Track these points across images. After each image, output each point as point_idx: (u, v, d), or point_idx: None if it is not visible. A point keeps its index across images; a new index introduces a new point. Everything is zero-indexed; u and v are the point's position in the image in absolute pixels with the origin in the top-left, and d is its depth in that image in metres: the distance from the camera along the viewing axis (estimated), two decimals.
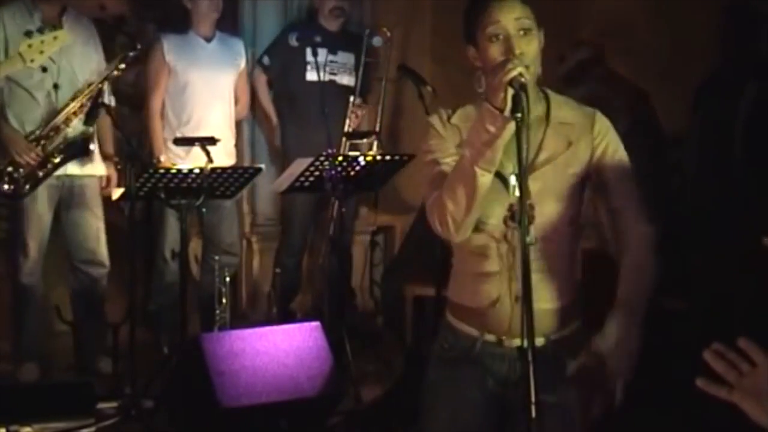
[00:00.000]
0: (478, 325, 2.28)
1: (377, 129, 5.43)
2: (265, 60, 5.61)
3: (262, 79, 5.63)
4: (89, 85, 4.67)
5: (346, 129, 5.35)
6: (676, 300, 4.51)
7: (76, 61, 4.74)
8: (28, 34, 3.92)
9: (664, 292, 4.79)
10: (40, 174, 4.63)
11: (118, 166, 4.95)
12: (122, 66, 4.70)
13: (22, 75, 4.55)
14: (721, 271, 4.45)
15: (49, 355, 4.97)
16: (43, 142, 4.62)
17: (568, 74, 4.92)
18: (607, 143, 2.27)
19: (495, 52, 2.16)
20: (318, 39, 5.43)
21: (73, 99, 4.66)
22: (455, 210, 2.14)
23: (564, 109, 2.25)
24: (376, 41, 5.45)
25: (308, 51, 5.49)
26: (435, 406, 2.35)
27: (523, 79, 2.05)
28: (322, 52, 5.43)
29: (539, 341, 2.06)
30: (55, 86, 4.67)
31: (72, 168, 4.74)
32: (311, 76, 5.48)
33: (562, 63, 4.94)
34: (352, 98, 5.35)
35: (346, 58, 5.53)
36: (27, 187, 4.62)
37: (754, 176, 4.39)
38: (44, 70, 4.54)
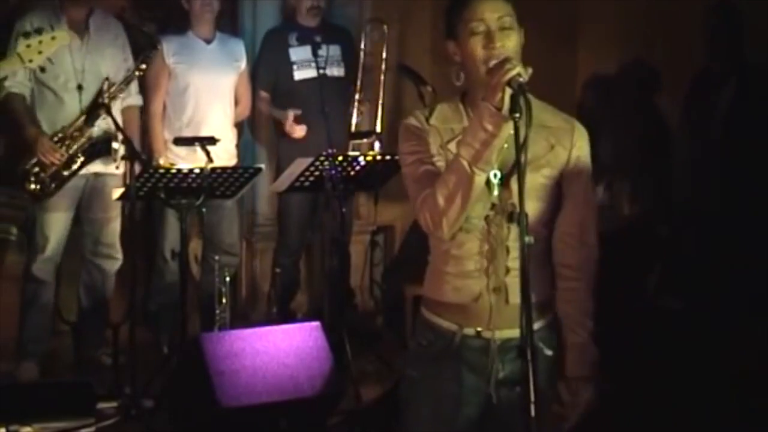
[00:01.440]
0: (457, 320, 2.29)
1: (377, 128, 5.41)
2: (259, 78, 5.54)
3: (264, 102, 5.55)
4: (111, 86, 4.70)
5: (353, 127, 5.34)
6: (675, 300, 4.52)
7: (103, 62, 4.81)
8: (26, 35, 3.95)
9: (663, 292, 4.81)
10: (65, 173, 4.70)
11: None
12: (143, 66, 4.78)
13: (49, 77, 4.67)
14: (718, 270, 4.48)
15: (49, 355, 4.97)
16: (67, 142, 4.69)
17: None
18: (584, 153, 2.31)
19: (476, 45, 2.20)
20: (317, 38, 5.44)
21: (96, 99, 4.72)
22: (450, 209, 2.15)
23: (544, 112, 2.28)
24: (375, 37, 5.44)
25: (291, 51, 5.48)
26: (416, 403, 2.36)
27: (521, 79, 2.05)
28: (306, 50, 5.43)
29: (516, 332, 2.07)
30: (80, 87, 4.73)
31: (94, 166, 4.79)
32: (299, 75, 5.46)
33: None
34: (357, 95, 5.33)
35: (332, 50, 5.51)
36: (53, 186, 4.69)
37: (731, 169, 4.45)
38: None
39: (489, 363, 2.28)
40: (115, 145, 4.71)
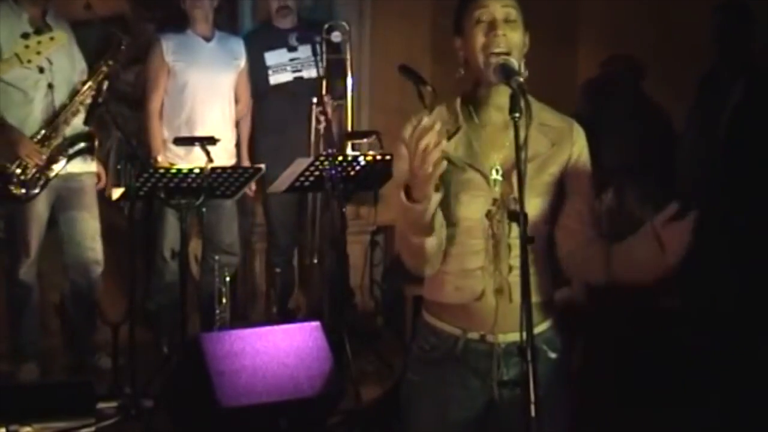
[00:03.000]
0: (460, 323, 2.28)
1: (350, 128, 5.41)
2: None
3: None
4: (84, 83, 4.69)
5: (313, 132, 5.33)
6: (673, 299, 4.51)
7: (65, 60, 4.77)
8: (25, 36, 3.94)
9: (661, 292, 4.81)
10: (50, 174, 4.68)
11: (118, 166, 4.98)
12: (111, 62, 4.73)
13: (17, 76, 4.57)
14: (716, 269, 4.47)
15: (48, 355, 4.97)
16: (47, 142, 4.67)
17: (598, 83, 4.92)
18: (583, 151, 2.32)
19: (478, 32, 2.22)
20: (293, 41, 5.45)
21: (70, 98, 4.69)
22: (414, 264, 2.23)
23: (543, 112, 2.29)
24: (335, 36, 5.42)
25: (267, 56, 5.47)
26: (418, 407, 2.35)
27: (521, 79, 2.06)
28: (281, 53, 5.43)
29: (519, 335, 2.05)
30: (50, 86, 4.70)
31: (71, 166, 4.76)
32: (274, 79, 5.48)
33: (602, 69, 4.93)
34: (315, 99, 5.29)
35: (305, 51, 5.50)
36: (36, 189, 4.67)
37: (737, 169, 4.43)
38: (41, 71, 4.56)
39: (493, 367, 2.27)
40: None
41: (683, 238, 2.04)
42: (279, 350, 3.94)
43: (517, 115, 2.02)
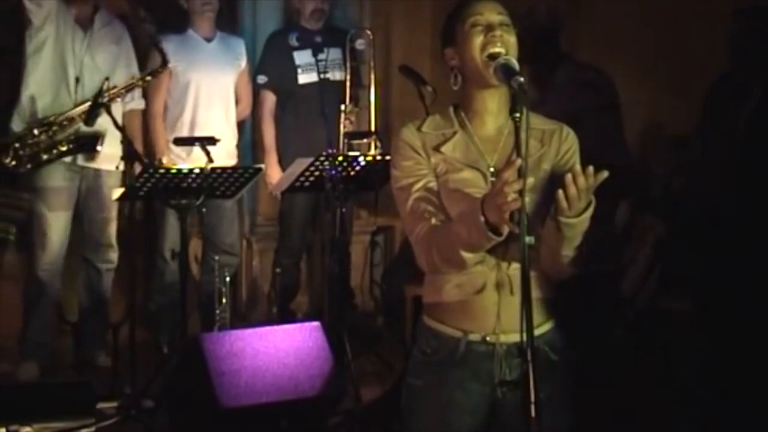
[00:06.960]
0: (462, 324, 2.28)
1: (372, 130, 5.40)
2: (261, 79, 5.51)
3: (269, 103, 5.53)
4: (113, 88, 4.71)
5: (341, 135, 5.32)
6: (677, 301, 4.51)
7: (101, 58, 4.87)
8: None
9: (665, 293, 4.80)
10: (45, 157, 4.73)
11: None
12: (149, 78, 4.86)
13: (49, 64, 4.76)
14: (721, 271, 4.46)
15: (49, 355, 4.96)
16: (55, 128, 4.73)
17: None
18: (572, 150, 2.35)
19: (476, 36, 2.26)
20: (318, 39, 5.44)
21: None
22: (441, 266, 2.25)
23: (533, 117, 2.31)
24: (359, 44, 5.43)
25: (295, 54, 5.47)
26: (420, 412, 2.35)
27: (521, 79, 2.07)
28: (307, 53, 5.43)
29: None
30: (77, 80, 4.79)
31: (93, 163, 4.83)
32: (303, 78, 5.46)
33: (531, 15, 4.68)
34: (343, 106, 5.30)
35: (334, 53, 5.50)
36: (28, 166, 4.72)
37: (754, 178, 4.40)
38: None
39: (494, 368, 2.27)
40: (98, 147, 4.74)
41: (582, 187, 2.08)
42: (279, 350, 3.94)
43: (517, 115, 2.05)
